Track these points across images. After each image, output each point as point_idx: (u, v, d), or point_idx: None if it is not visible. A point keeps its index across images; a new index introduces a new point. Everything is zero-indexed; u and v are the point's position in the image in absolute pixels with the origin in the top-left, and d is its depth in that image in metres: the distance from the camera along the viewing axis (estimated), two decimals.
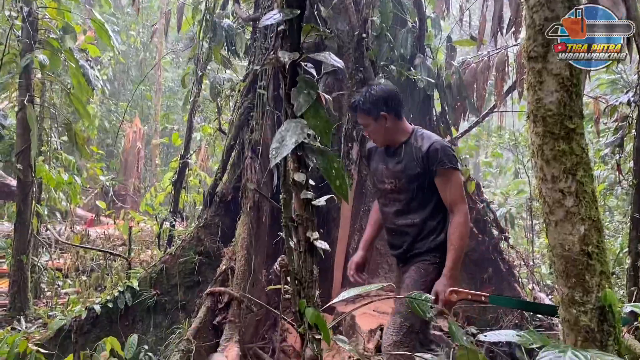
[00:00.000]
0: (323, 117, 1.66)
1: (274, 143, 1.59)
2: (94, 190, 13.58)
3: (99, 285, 7.33)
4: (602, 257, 2.38)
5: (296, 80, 1.67)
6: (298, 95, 1.63)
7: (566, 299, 2.45)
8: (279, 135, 1.60)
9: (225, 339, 3.95)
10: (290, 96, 1.65)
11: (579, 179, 2.28)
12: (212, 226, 4.85)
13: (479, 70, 5.17)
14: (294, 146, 1.57)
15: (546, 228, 2.44)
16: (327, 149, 1.69)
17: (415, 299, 1.95)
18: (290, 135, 1.59)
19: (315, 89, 1.66)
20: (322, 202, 1.73)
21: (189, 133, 6.54)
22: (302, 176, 1.67)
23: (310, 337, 1.66)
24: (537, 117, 2.32)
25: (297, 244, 1.72)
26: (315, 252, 1.73)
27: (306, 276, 1.70)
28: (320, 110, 1.66)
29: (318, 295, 1.74)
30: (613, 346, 2.44)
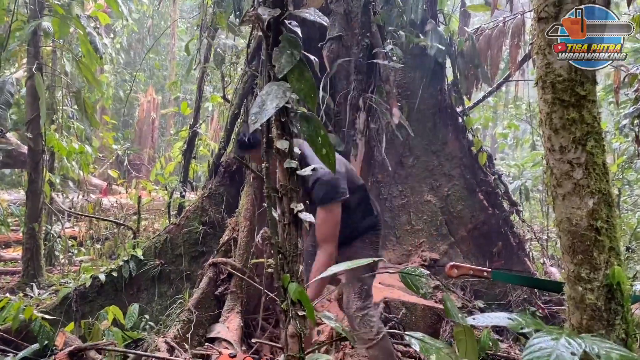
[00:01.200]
0: (308, 80, 1.54)
1: (254, 108, 1.48)
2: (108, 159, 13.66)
3: (113, 254, 7.40)
4: (612, 232, 2.25)
5: (279, 40, 1.55)
6: (280, 55, 1.51)
7: (572, 276, 2.34)
8: (259, 99, 1.49)
9: (227, 309, 3.92)
10: (271, 57, 1.53)
11: (589, 149, 2.14)
12: (217, 196, 4.79)
13: (494, 36, 4.95)
14: (274, 111, 1.46)
15: (553, 201, 2.32)
16: (313, 115, 1.58)
17: (410, 274, 1.85)
18: (271, 100, 1.48)
19: (299, 49, 1.53)
20: (308, 171, 1.63)
21: (198, 102, 6.45)
22: (285, 144, 1.57)
23: (293, 313, 1.58)
24: (546, 83, 2.17)
25: (281, 215, 1.63)
26: (300, 224, 1.64)
27: (290, 249, 1.61)
28: (306, 73, 1.54)
29: (302, 269, 1.65)
30: (620, 325, 2.33)
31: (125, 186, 10.16)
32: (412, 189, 5.37)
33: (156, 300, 4.67)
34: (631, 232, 6.39)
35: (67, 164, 7.86)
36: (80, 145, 7.37)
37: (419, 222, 5.29)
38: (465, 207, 5.20)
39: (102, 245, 7.74)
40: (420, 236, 5.26)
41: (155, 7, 15.52)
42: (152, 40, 18.90)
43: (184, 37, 18.85)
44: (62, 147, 6.86)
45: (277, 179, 1.66)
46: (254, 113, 1.47)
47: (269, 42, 1.57)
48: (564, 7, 2.12)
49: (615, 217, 2.24)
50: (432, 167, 5.35)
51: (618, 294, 2.28)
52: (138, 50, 20.33)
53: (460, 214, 5.20)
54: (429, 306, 4.09)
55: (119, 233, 6.82)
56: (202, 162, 8.21)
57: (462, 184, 5.24)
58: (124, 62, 18.01)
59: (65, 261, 6.97)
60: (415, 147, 5.35)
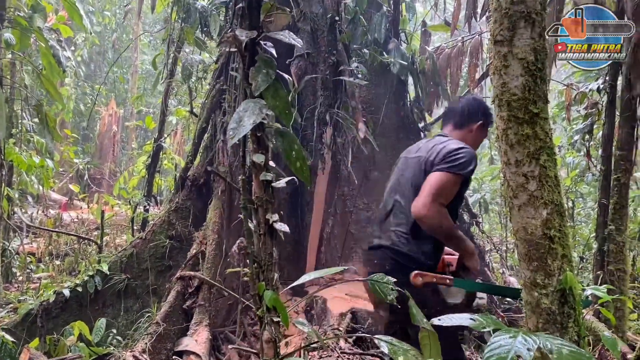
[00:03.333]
0: (283, 97, 1.63)
1: (232, 123, 1.56)
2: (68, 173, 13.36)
3: (73, 270, 7.25)
4: (564, 240, 2.41)
5: (255, 60, 1.64)
6: (256, 74, 1.60)
7: (528, 282, 2.49)
8: (237, 116, 1.57)
9: (195, 322, 3.93)
10: (248, 75, 1.62)
11: (542, 163, 2.30)
12: (184, 210, 4.80)
13: (453, 55, 5.17)
14: (251, 127, 1.54)
15: (510, 212, 2.47)
16: (288, 130, 1.67)
17: (377, 281, 1.95)
18: (248, 116, 1.56)
19: (274, 69, 1.63)
20: (282, 183, 1.71)
21: (162, 116, 6.44)
22: (261, 157, 1.65)
23: (269, 320, 1.65)
24: (502, 102, 2.33)
25: (257, 226, 1.71)
26: (275, 234, 1.72)
27: (265, 259, 1.69)
28: (280, 91, 1.63)
29: (277, 278, 1.72)
30: (573, 328, 2.49)
31: (87, 201, 9.97)
32: (377, 201, 5.49)
33: (122, 315, 4.62)
34: (584, 243, 6.68)
35: (26, 179, 7.70)
36: (40, 159, 7.24)
37: None
38: None
39: (62, 261, 7.58)
40: None
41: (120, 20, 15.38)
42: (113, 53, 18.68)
43: (147, 50, 18.71)
44: (22, 160, 6.73)
45: (253, 191, 1.73)
46: (232, 128, 1.55)
47: (245, 61, 1.66)
48: (517, 30, 2.29)
49: (567, 226, 2.41)
50: None
51: (570, 298, 2.43)
52: (99, 63, 20.04)
53: None
54: None
55: (80, 249, 6.70)
56: (166, 176, 8.17)
57: None
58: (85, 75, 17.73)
59: (23, 278, 6.79)
60: (380, 161, 5.49)
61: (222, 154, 4.29)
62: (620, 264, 4.34)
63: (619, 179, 4.26)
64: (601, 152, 4.51)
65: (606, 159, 4.42)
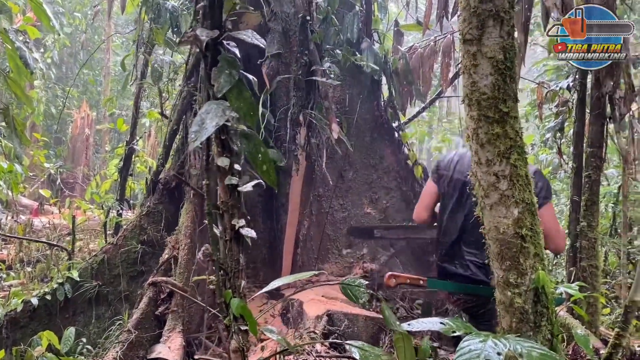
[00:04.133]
0: (247, 98, 1.59)
1: (193, 126, 1.51)
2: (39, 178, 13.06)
3: (45, 277, 7.07)
4: (536, 239, 2.41)
5: (217, 60, 1.59)
6: (219, 75, 1.55)
7: (501, 282, 2.48)
8: (199, 118, 1.52)
9: (168, 329, 3.85)
10: (210, 76, 1.57)
11: (512, 162, 2.29)
12: (156, 214, 4.71)
13: (425, 55, 5.18)
14: (214, 129, 1.49)
15: (481, 212, 2.46)
16: (253, 132, 1.62)
17: (350, 284, 1.92)
18: (210, 118, 1.51)
19: (237, 69, 1.58)
20: (249, 187, 1.66)
21: (134, 118, 6.33)
22: (225, 161, 1.60)
23: (236, 328, 1.60)
24: (472, 101, 2.31)
25: (223, 232, 1.65)
26: (242, 240, 1.67)
27: (232, 265, 1.64)
28: (244, 92, 1.59)
29: (245, 285, 1.68)
30: (546, 327, 2.49)
31: (58, 206, 9.75)
32: (353, 202, 5.48)
33: (93, 323, 4.52)
34: None
35: None
36: (9, 164, 7.05)
37: None
38: (404, 219, 5.36)
39: (33, 268, 7.39)
40: (361, 248, 5.37)
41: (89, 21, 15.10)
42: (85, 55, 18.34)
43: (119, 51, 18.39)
44: None
45: (218, 196, 1.68)
46: (193, 131, 1.50)
47: (207, 62, 1.61)
48: (486, 29, 2.28)
49: (538, 225, 2.41)
50: (371, 180, 5.49)
51: (543, 297, 2.43)
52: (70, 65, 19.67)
53: None
54: (370, 317, 4.18)
55: (52, 255, 6.53)
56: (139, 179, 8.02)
57: (399, 196, 5.41)
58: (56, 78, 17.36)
59: None
60: (355, 162, 5.48)
61: (193, 157, 4.21)
62: (592, 259, 4.39)
63: (590, 176, 4.31)
64: (572, 149, 4.56)
65: (577, 156, 4.47)
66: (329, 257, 5.46)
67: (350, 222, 5.44)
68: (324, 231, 5.45)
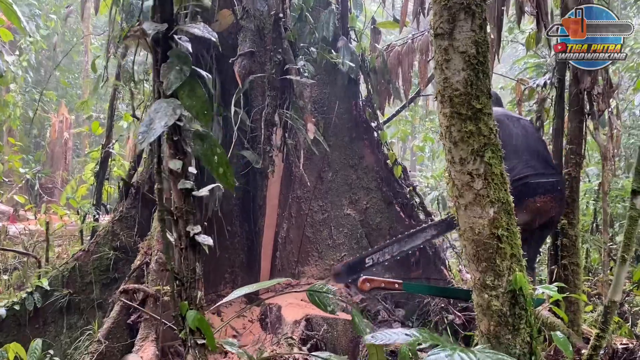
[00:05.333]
0: (200, 96, 1.48)
1: (141, 127, 1.41)
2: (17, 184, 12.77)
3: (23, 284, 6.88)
4: (513, 240, 2.33)
5: (167, 55, 1.48)
6: (168, 71, 1.44)
7: (478, 284, 2.40)
8: (147, 118, 1.41)
9: (140, 338, 3.72)
10: (160, 73, 1.46)
11: (487, 160, 2.21)
12: (129, 219, 4.58)
13: (403, 53, 5.11)
14: (163, 129, 1.38)
15: (456, 212, 2.38)
16: (207, 133, 1.52)
17: (317, 291, 1.82)
18: (160, 117, 1.41)
19: (189, 65, 1.47)
20: (205, 192, 1.56)
21: (110, 121, 6.17)
22: (178, 163, 1.49)
23: (192, 342, 1.49)
24: (445, 97, 2.23)
25: (177, 239, 1.55)
26: (198, 248, 1.56)
27: (188, 275, 1.53)
28: (198, 89, 1.48)
29: (202, 296, 1.57)
30: (525, 329, 2.42)
31: (34, 211, 9.52)
32: (332, 203, 5.39)
33: (65, 333, 4.37)
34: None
35: None
36: None
37: (339, 236, 5.31)
38: (384, 220, 5.29)
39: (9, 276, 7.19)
40: (342, 250, 5.28)
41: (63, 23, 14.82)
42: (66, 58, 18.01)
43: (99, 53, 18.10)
44: None
45: (172, 200, 1.58)
46: (141, 132, 1.39)
47: (157, 58, 1.50)
48: (457, 23, 2.20)
49: (515, 224, 2.33)
50: (351, 181, 5.40)
51: (521, 298, 2.36)
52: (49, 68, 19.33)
53: (379, 226, 5.28)
54: (349, 320, 4.08)
55: (27, 262, 6.35)
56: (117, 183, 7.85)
57: (379, 196, 5.33)
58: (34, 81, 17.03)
59: None
60: (334, 162, 5.38)
61: None
62: (573, 257, 4.34)
63: (570, 173, 4.26)
64: (552, 147, 4.51)
65: (557, 153, 4.42)
66: (309, 259, 5.36)
67: (330, 224, 5.35)
68: (304, 233, 5.35)
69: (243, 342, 4.45)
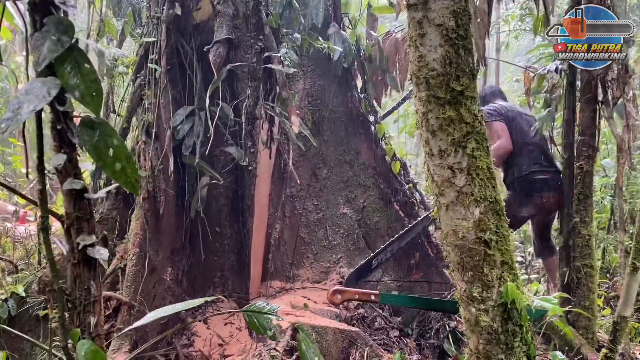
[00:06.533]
0: (88, 74, 1.19)
1: (7, 112, 1.11)
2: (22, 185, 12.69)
3: None
4: (503, 244, 1.98)
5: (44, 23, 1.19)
6: (41, 41, 1.15)
7: (464, 296, 2.06)
8: (15, 102, 1.12)
9: (112, 350, 3.45)
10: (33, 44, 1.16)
11: (470, 152, 1.88)
12: (109, 221, 4.31)
13: (401, 40, 4.77)
14: (30, 115, 1.09)
15: (437, 212, 2.05)
16: (100, 119, 1.22)
17: (255, 311, 1.51)
18: (29, 100, 1.11)
19: (71, 35, 1.18)
20: (102, 194, 1.28)
21: None
22: (61, 158, 1.20)
23: None
24: (420, 79, 1.89)
25: (69, 252, 1.25)
26: (95, 263, 1.27)
27: (81, 296, 1.23)
28: (84, 65, 1.18)
29: (98, 322, 1.28)
30: (520, 348, 2.08)
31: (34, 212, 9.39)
32: (328, 202, 5.08)
33: (42, 341, 4.13)
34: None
35: None
36: None
37: (335, 237, 5.00)
38: (382, 219, 4.96)
39: None
40: (338, 251, 4.98)
41: None
42: None
43: None
44: None
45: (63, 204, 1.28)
46: (4, 119, 1.10)
47: (35, 27, 1.21)
48: None
49: (505, 227, 2.00)
50: (347, 178, 5.09)
51: (514, 313, 2.02)
52: None
53: (377, 226, 4.96)
54: (340, 329, 3.77)
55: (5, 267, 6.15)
56: None
57: (377, 194, 5.00)
58: None
59: None
60: (329, 158, 5.07)
61: (143, 157, 3.82)
62: (586, 259, 4.01)
63: (582, 167, 3.93)
64: (563, 139, 4.16)
65: (568, 146, 4.08)
66: (304, 262, 5.06)
67: (325, 224, 5.04)
68: (298, 234, 5.06)
69: (229, 351, 4.17)
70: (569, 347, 3.65)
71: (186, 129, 4.00)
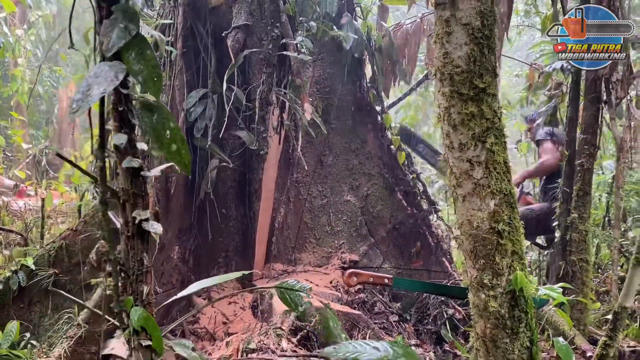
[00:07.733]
0: (150, 60, 1.27)
1: (77, 94, 1.20)
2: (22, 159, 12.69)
3: None
4: (514, 235, 2.10)
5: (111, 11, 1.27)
6: (110, 29, 1.24)
7: (475, 282, 2.18)
8: (85, 83, 1.21)
9: None
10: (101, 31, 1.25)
11: (489, 146, 1.98)
12: None
13: (411, 32, 4.84)
14: (99, 97, 1.18)
15: (454, 203, 2.16)
16: (159, 103, 1.31)
17: (288, 288, 1.62)
18: (99, 83, 1.20)
19: (136, 23, 1.26)
20: (156, 172, 1.36)
21: None
22: (123, 138, 1.29)
23: (136, 344, 1.30)
24: (444, 75, 1.99)
25: (124, 225, 1.35)
26: (147, 236, 1.36)
27: (134, 267, 1.33)
28: (147, 52, 1.27)
29: (150, 290, 1.38)
30: (525, 333, 2.20)
31: (35, 187, 9.42)
32: (332, 188, 5.18)
33: (49, 314, 4.23)
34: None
35: None
36: None
37: (338, 223, 5.11)
38: (385, 207, 5.07)
39: None
40: (340, 237, 5.09)
41: None
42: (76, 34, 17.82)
43: None
44: None
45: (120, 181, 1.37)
46: (76, 100, 1.18)
47: (102, 14, 1.29)
48: None
49: (517, 219, 2.11)
50: (352, 166, 5.19)
51: (521, 300, 2.14)
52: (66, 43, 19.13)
53: (380, 214, 5.07)
54: (343, 312, 3.90)
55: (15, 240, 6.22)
56: None
57: (381, 183, 5.11)
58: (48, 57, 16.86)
59: None
60: (335, 146, 5.16)
61: None
62: (582, 253, 4.14)
63: (583, 164, 4.04)
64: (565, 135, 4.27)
65: (570, 143, 4.18)
66: (306, 246, 5.18)
67: (329, 210, 5.15)
68: (302, 219, 5.16)
69: (233, 329, 4.29)
70: (563, 338, 3.79)
71: (199, 111, 4.07)
